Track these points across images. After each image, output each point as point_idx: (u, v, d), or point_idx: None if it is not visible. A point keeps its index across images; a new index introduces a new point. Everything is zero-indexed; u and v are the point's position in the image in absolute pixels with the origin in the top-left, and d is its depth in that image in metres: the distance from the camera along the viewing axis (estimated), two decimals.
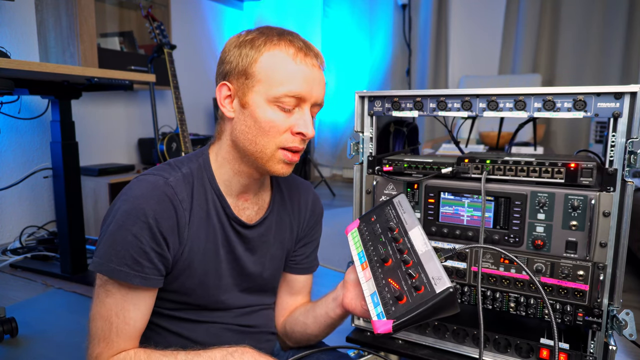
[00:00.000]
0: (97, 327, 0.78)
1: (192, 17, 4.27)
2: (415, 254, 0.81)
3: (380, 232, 0.91)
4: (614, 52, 4.00)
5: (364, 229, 0.94)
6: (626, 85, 0.90)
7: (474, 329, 1.09)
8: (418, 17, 4.82)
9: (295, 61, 0.80)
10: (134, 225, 0.76)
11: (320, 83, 0.84)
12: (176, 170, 0.85)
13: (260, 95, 0.80)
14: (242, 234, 0.91)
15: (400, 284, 0.77)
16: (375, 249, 0.88)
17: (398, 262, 0.81)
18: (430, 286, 0.73)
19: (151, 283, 0.79)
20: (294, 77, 0.80)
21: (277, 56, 0.80)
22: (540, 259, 1.01)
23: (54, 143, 2.13)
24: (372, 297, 0.79)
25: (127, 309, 0.78)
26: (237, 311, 0.94)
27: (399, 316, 0.72)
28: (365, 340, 1.20)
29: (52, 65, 1.82)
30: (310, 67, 0.82)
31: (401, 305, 0.74)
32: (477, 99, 1.04)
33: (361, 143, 1.19)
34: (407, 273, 0.77)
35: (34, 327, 1.74)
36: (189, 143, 2.88)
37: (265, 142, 0.81)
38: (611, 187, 0.93)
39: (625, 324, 0.91)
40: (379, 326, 0.73)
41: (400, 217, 0.91)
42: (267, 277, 0.98)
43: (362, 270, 0.85)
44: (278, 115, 0.80)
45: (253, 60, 0.81)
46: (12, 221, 2.75)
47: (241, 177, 0.88)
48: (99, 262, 0.77)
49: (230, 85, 0.83)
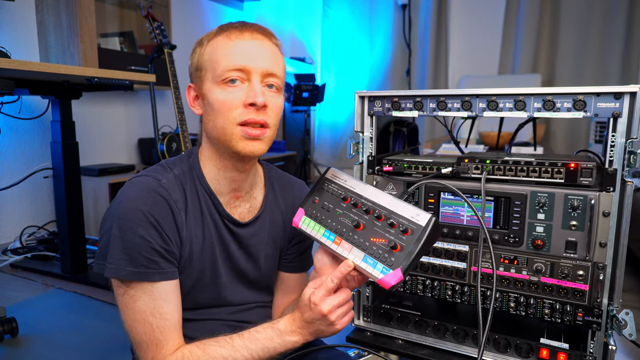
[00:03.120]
0: (139, 334, 0.79)
1: (192, 17, 4.27)
2: (382, 208, 0.84)
3: (333, 207, 0.90)
4: (614, 52, 4.00)
5: (313, 213, 0.92)
6: (626, 85, 0.90)
7: (474, 329, 1.10)
8: (418, 17, 4.82)
9: (230, 38, 0.84)
10: (138, 226, 0.77)
11: (262, 52, 0.85)
12: (168, 172, 0.86)
13: (209, 81, 0.84)
14: (235, 233, 0.92)
15: (385, 237, 0.80)
16: (338, 222, 0.87)
17: (370, 221, 0.83)
18: (414, 224, 0.79)
19: (170, 276, 0.81)
20: (231, 52, 0.83)
21: (216, 42, 0.85)
22: (540, 259, 1.01)
23: (54, 143, 2.13)
24: (364, 260, 0.80)
25: (160, 305, 0.80)
26: (234, 308, 0.95)
27: (403, 260, 0.76)
28: (365, 340, 1.20)
29: (53, 65, 1.82)
30: (248, 40, 0.84)
31: (399, 253, 0.78)
32: (477, 99, 1.04)
33: (361, 143, 1.19)
34: (386, 224, 0.81)
35: (34, 327, 1.74)
36: (189, 143, 2.87)
37: (222, 122, 0.82)
38: (611, 187, 0.93)
39: (625, 323, 0.91)
40: (389, 279, 0.76)
41: (345, 186, 0.91)
42: (261, 275, 0.99)
43: (337, 246, 0.84)
44: (227, 93, 0.82)
45: (200, 55, 0.87)
46: (12, 221, 2.75)
47: (226, 171, 0.89)
48: (115, 269, 0.78)
49: (193, 85, 0.89)
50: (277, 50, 0.88)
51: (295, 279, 1.06)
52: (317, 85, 4.62)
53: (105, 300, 1.97)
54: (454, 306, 1.24)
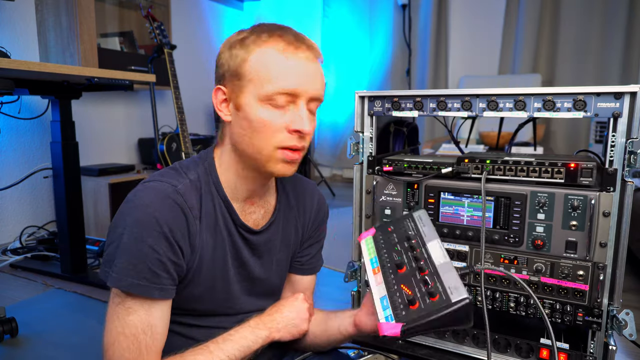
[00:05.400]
0: (123, 349, 0.74)
1: (192, 17, 4.27)
2: (432, 264, 0.79)
3: (396, 242, 0.90)
4: (614, 52, 4.00)
5: (379, 238, 0.93)
6: (626, 85, 0.90)
7: (474, 329, 1.09)
8: (418, 17, 4.82)
9: (285, 56, 0.77)
10: (149, 236, 0.74)
11: (314, 76, 0.80)
12: (183, 177, 0.82)
13: (252, 95, 0.78)
14: (249, 240, 0.90)
15: (413, 290, 0.75)
16: (389, 256, 0.86)
17: (413, 270, 0.80)
18: (445, 295, 0.71)
19: (168, 294, 0.78)
20: (284, 73, 0.76)
21: (266, 53, 0.77)
22: (540, 259, 1.01)
23: (54, 143, 2.13)
24: (381, 300, 0.77)
25: (154, 324, 0.76)
26: (244, 316, 0.93)
27: (410, 321, 0.71)
28: (365, 340, 1.20)
29: (52, 65, 1.81)
30: (303, 61, 0.78)
31: (413, 311, 0.72)
32: (477, 99, 1.04)
33: (361, 143, 1.19)
34: (422, 280, 0.76)
35: (34, 327, 1.74)
36: (189, 143, 2.88)
37: (262, 143, 0.78)
38: (611, 187, 0.93)
39: (625, 324, 0.91)
40: (387, 328, 0.72)
41: (420, 229, 0.90)
42: (273, 281, 0.97)
43: (373, 275, 0.84)
44: (271, 114, 0.77)
45: (243, 61, 0.78)
46: (12, 221, 2.75)
47: (246, 181, 0.86)
48: (117, 278, 0.74)
49: (225, 89, 0.82)
50: (322, 71, 0.83)
51: (306, 281, 1.05)
52: None
53: (105, 301, 1.96)
54: None
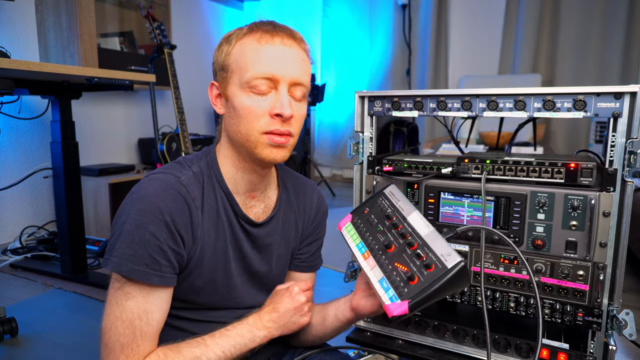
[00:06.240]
0: (119, 334, 0.76)
1: (192, 17, 4.27)
2: (418, 236, 0.81)
3: (376, 222, 0.90)
4: (614, 52, 4.00)
5: (358, 222, 0.94)
6: (626, 85, 0.90)
7: (474, 329, 1.09)
8: (418, 17, 4.82)
9: (261, 43, 0.81)
10: (151, 223, 0.76)
11: (293, 60, 0.82)
12: (187, 169, 0.85)
13: (235, 85, 0.82)
14: (250, 232, 0.92)
15: (408, 266, 0.77)
16: (374, 237, 0.87)
17: (402, 246, 0.81)
18: (440, 263, 0.74)
19: (168, 281, 0.79)
20: (260, 58, 0.80)
21: (244, 44, 0.82)
22: (540, 259, 1.01)
23: (54, 143, 2.13)
24: (380, 282, 0.79)
25: (151, 310, 0.78)
26: (243, 311, 0.94)
27: (414, 295, 0.73)
28: (365, 340, 1.20)
29: (52, 65, 1.82)
30: (279, 46, 0.81)
31: (414, 286, 0.74)
32: (477, 99, 1.04)
33: (361, 143, 1.19)
34: (415, 254, 0.78)
35: (34, 327, 1.74)
36: (189, 143, 2.88)
37: (247, 129, 0.82)
38: (611, 187, 0.93)
39: (625, 324, 0.91)
40: (394, 308, 0.73)
41: (395, 205, 0.91)
42: (274, 275, 0.99)
43: (364, 260, 0.85)
44: (254, 100, 0.81)
45: (227, 54, 0.84)
46: (12, 221, 2.75)
47: (244, 172, 0.89)
48: (117, 262, 0.76)
49: (217, 83, 0.87)
50: (305, 57, 0.86)
51: (306, 278, 1.06)
52: (317, 85, 4.62)
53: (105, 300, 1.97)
54: (454, 306, 1.24)
